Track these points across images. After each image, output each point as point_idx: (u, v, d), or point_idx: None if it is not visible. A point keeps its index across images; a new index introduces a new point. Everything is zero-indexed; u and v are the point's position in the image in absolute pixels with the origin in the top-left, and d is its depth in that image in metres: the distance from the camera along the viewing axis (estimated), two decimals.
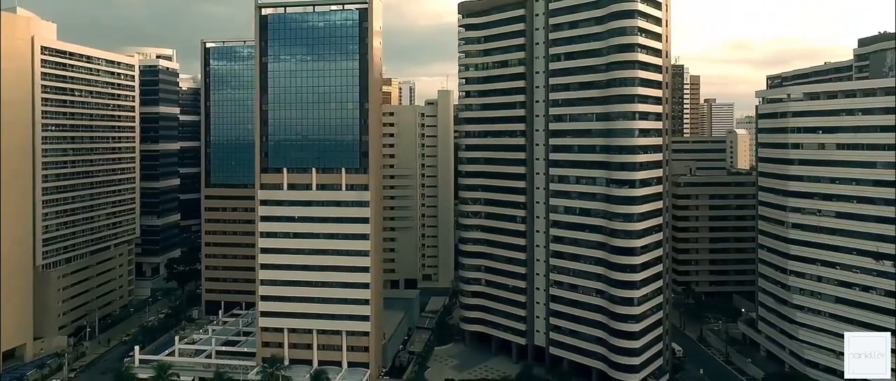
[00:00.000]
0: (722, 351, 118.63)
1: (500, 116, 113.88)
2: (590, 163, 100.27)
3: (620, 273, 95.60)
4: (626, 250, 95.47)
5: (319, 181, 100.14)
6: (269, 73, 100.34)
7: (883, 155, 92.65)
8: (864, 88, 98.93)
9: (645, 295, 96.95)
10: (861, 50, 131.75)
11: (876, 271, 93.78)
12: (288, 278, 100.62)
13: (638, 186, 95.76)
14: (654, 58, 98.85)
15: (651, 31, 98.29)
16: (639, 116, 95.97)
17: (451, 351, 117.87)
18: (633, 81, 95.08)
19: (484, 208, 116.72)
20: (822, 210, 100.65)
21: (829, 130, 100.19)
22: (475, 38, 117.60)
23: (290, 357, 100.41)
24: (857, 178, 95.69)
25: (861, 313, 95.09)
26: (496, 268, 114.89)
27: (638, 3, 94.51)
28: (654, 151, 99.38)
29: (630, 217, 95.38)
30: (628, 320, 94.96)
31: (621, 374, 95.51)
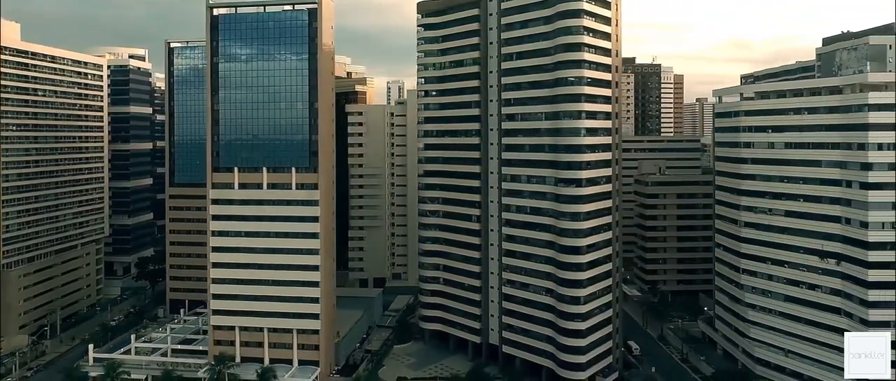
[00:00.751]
0: (680, 349, 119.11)
1: (456, 115, 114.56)
2: (539, 162, 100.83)
3: (567, 272, 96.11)
4: (573, 249, 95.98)
5: (270, 181, 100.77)
6: (220, 72, 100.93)
7: (828, 154, 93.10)
8: (810, 87, 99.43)
9: (592, 294, 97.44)
10: (823, 49, 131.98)
11: (821, 270, 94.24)
12: (239, 277, 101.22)
13: (584, 184, 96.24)
14: (602, 57, 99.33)
15: (599, 31, 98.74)
16: (585, 115, 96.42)
17: (409, 350, 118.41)
18: (579, 81, 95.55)
19: (442, 207, 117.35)
20: (773, 209, 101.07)
21: (777, 129, 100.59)
22: (433, 37, 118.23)
23: (241, 355, 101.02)
24: (804, 176, 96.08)
25: (809, 311, 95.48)
26: (453, 267, 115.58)
27: (584, 3, 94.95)
28: (602, 150, 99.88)
29: (577, 216, 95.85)
30: (575, 318, 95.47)
31: (568, 372, 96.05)
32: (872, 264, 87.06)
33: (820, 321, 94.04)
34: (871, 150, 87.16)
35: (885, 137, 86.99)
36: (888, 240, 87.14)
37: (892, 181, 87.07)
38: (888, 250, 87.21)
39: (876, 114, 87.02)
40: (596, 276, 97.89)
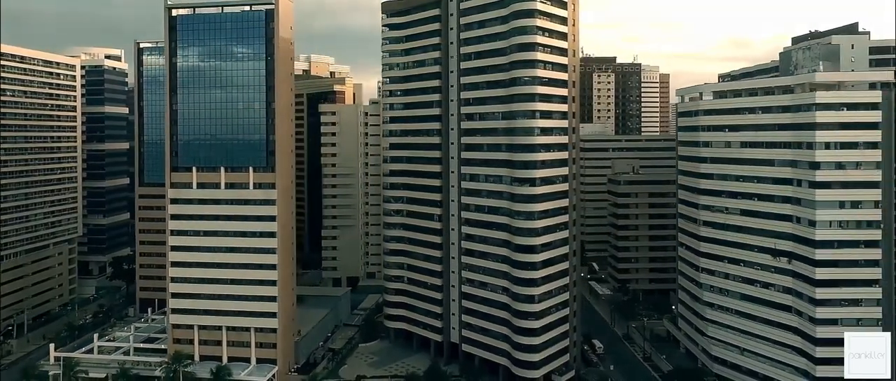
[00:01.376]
0: (643, 348, 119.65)
1: (419, 115, 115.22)
2: (496, 161, 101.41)
3: (521, 271, 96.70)
4: (527, 248, 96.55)
5: (228, 180, 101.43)
6: (179, 72, 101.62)
7: (780, 153, 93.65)
8: (763, 86, 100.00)
9: (547, 292, 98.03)
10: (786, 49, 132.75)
11: (774, 268, 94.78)
12: (198, 276, 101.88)
13: (538, 184, 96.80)
14: (558, 57, 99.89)
15: (555, 31, 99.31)
16: (540, 114, 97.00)
17: (374, 348, 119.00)
18: (533, 81, 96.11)
19: (406, 206, 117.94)
20: (729, 208, 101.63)
21: (733, 129, 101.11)
22: (397, 37, 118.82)
23: (200, 354, 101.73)
24: (758, 175, 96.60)
25: (763, 309, 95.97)
26: (416, 266, 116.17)
27: (537, 3, 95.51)
28: (558, 150, 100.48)
29: (531, 215, 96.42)
30: (528, 316, 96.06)
31: (522, 370, 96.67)
32: (820, 263, 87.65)
33: (773, 320, 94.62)
34: (818, 149, 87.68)
35: (832, 137, 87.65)
36: (835, 238, 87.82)
37: (840, 180, 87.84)
38: (835, 248, 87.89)
39: (823, 113, 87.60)
40: (551, 275, 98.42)
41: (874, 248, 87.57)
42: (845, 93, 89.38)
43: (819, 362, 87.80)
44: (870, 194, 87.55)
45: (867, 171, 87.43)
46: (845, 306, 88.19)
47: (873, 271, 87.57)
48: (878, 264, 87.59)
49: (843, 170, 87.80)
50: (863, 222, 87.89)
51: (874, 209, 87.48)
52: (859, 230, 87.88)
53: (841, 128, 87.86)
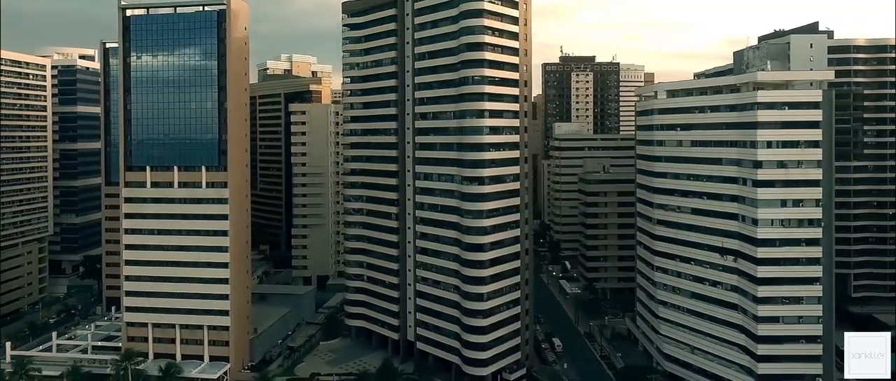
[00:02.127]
0: (602, 346, 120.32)
1: (377, 114, 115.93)
2: (447, 161, 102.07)
3: (470, 269, 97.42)
4: (476, 246, 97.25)
5: (181, 179, 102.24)
6: (133, 72, 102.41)
7: (726, 152, 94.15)
8: (712, 85, 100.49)
9: (497, 290, 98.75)
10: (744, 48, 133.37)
11: (722, 267, 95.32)
12: (152, 274, 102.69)
13: (487, 182, 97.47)
14: (509, 57, 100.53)
15: (506, 31, 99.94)
16: (489, 114, 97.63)
17: (334, 346, 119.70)
18: (481, 80, 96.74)
19: (365, 205, 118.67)
20: (681, 207, 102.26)
21: (685, 127, 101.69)
22: (356, 37, 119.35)
23: (154, 351, 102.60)
24: (707, 174, 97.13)
25: (712, 308, 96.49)
26: (375, 265, 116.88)
27: (485, 2, 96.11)
28: (509, 149, 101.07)
29: (479, 214, 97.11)
30: (477, 315, 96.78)
31: (471, 368, 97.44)
32: (762, 261, 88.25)
33: (721, 318, 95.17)
34: (760, 147, 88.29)
35: (773, 135, 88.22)
36: (777, 237, 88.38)
37: (782, 179, 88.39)
38: (777, 246, 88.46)
39: (765, 112, 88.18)
40: (501, 273, 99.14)
41: (815, 246, 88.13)
42: (786, 92, 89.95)
43: (761, 359, 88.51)
44: (811, 192, 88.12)
45: (808, 169, 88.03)
46: (787, 304, 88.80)
47: (814, 269, 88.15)
48: (820, 262, 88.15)
49: (785, 169, 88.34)
50: (804, 220, 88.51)
51: (815, 208, 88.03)
52: (801, 229, 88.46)
53: (782, 127, 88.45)
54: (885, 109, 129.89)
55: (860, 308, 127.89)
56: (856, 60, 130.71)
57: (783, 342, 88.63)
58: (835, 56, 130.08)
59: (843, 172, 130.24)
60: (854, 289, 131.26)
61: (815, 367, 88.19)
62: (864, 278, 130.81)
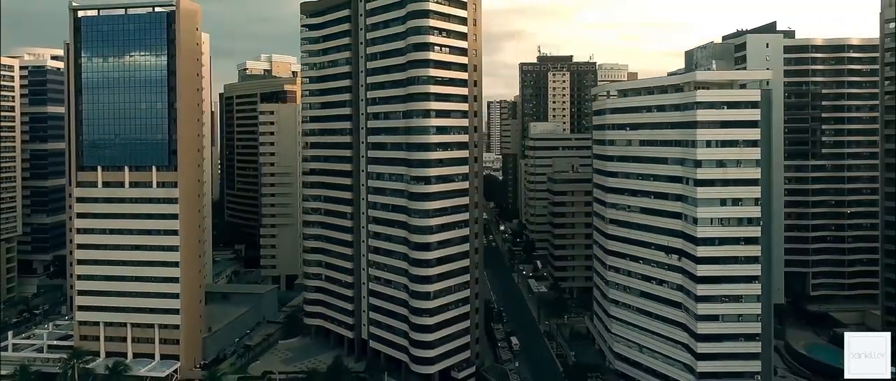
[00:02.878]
0: (559, 345, 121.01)
1: (333, 114, 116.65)
2: (397, 160, 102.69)
3: (417, 268, 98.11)
4: (423, 245, 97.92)
5: (132, 179, 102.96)
6: (84, 73, 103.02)
7: (671, 151, 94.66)
8: (658, 85, 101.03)
9: (445, 289, 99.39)
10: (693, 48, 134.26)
11: (667, 266, 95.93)
12: (103, 274, 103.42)
13: (434, 182, 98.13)
14: (457, 57, 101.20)
15: (453, 31, 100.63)
16: (435, 113, 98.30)
17: (293, 345, 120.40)
18: (427, 80, 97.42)
19: (323, 204, 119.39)
20: (631, 206, 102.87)
21: (634, 127, 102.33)
22: (314, 38, 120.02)
23: (106, 350, 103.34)
24: (654, 174, 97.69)
25: (658, 306, 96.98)
26: (332, 264, 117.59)
27: (430, 3, 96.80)
28: (457, 149, 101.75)
29: (426, 213, 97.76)
30: (423, 313, 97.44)
31: (418, 366, 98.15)
32: (701, 260, 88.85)
33: (667, 316, 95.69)
34: (700, 147, 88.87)
35: (712, 135, 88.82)
36: (717, 235, 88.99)
37: (722, 178, 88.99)
38: (717, 245, 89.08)
39: (704, 111, 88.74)
40: (448, 272, 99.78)
41: (754, 245, 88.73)
42: (725, 91, 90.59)
43: (700, 357, 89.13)
44: (750, 191, 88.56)
45: (747, 169, 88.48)
46: (726, 303, 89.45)
47: (754, 267, 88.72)
48: (759, 260, 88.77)
49: (724, 168, 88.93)
50: (744, 219, 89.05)
51: (754, 207, 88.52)
52: (740, 227, 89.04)
53: (721, 126, 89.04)
54: (842, 109, 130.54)
55: (818, 307, 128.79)
56: (814, 60, 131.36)
57: (723, 340, 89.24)
58: (793, 56, 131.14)
59: (801, 172, 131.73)
60: (812, 288, 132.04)
61: (755, 365, 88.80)
62: (822, 277, 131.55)
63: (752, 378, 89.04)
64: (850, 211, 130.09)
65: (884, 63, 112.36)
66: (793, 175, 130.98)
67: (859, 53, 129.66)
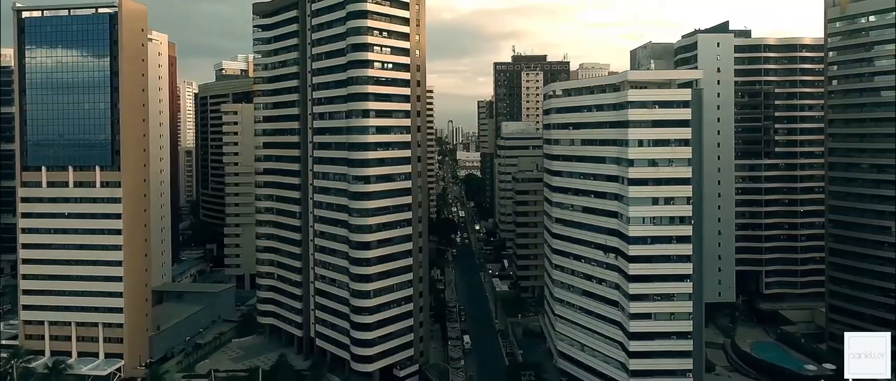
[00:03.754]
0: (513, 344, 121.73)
1: (282, 114, 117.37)
2: (339, 160, 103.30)
3: (357, 267, 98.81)
4: (362, 244, 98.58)
5: (76, 179, 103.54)
6: (27, 73, 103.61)
7: (608, 150, 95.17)
8: (597, 84, 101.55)
9: (387, 287, 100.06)
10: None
11: (606, 264, 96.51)
12: (48, 273, 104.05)
13: (374, 181, 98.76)
14: (399, 57, 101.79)
15: (394, 31, 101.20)
16: (375, 113, 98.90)
17: (246, 343, 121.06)
18: (365, 80, 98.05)
19: (275, 204, 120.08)
20: (574, 205, 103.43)
21: (577, 126, 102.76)
22: (266, 39, 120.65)
23: (51, 349, 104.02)
24: (594, 172, 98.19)
25: (597, 305, 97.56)
26: (283, 263, 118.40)
27: (368, 3, 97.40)
28: (399, 148, 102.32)
29: (365, 212, 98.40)
30: (363, 312, 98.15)
31: (358, 364, 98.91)
32: (633, 258, 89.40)
33: (606, 315, 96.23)
34: (631, 146, 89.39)
35: (644, 134, 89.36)
36: (649, 234, 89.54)
37: (654, 177, 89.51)
38: (649, 244, 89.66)
39: (636, 111, 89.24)
40: (390, 271, 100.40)
41: (686, 243, 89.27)
42: (657, 91, 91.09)
43: (632, 355, 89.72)
44: (682, 190, 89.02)
45: (679, 168, 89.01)
46: (658, 301, 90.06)
47: (685, 266, 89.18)
48: (690, 259, 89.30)
49: (656, 167, 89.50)
50: (675, 218, 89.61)
51: (686, 206, 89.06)
52: (672, 226, 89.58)
53: (653, 125, 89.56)
54: (795, 108, 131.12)
55: (770, 305, 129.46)
56: (767, 59, 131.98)
57: (655, 338, 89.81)
58: (746, 55, 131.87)
59: (754, 171, 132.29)
60: (766, 286, 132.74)
61: (686, 363, 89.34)
62: (775, 276, 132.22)
63: (683, 376, 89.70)
64: (802, 210, 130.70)
65: (827, 63, 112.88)
66: (746, 174, 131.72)
67: (811, 53, 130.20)
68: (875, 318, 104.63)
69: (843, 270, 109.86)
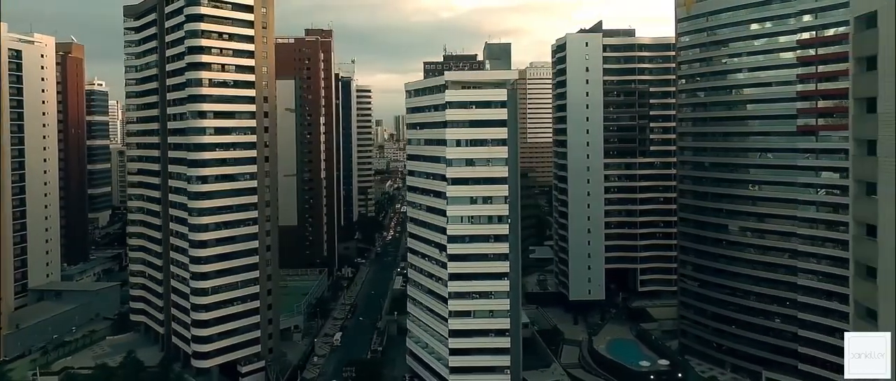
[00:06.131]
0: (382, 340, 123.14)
1: (147, 116, 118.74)
2: (184, 160, 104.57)
3: (195, 266, 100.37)
4: (199, 243, 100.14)
5: None
6: None
7: (438, 150, 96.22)
8: (433, 85, 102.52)
9: (230, 284, 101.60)
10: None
11: (440, 262, 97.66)
12: None
13: (211, 181, 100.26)
14: (242, 59, 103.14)
15: (237, 34, 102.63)
16: (213, 114, 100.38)
17: (119, 340, 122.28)
18: (200, 82, 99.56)
19: (145, 204, 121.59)
20: (421, 204, 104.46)
21: (422, 126, 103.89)
22: (134, 41, 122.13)
23: None
24: (432, 172, 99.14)
25: (435, 303, 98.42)
26: (150, 262, 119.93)
27: (203, 7, 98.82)
28: (244, 149, 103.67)
29: (201, 212, 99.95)
30: (200, 309, 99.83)
31: (196, 360, 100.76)
32: (451, 257, 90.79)
33: (439, 312, 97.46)
34: (449, 146, 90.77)
35: (462, 134, 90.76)
36: (466, 233, 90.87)
37: (471, 176, 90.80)
38: (466, 242, 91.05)
39: (453, 111, 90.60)
40: (232, 268, 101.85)
41: (503, 242, 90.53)
42: (473, 91, 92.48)
43: (452, 352, 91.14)
44: (499, 189, 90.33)
45: (496, 167, 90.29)
46: (477, 299, 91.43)
47: (502, 264, 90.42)
48: (508, 257, 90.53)
49: (473, 167, 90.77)
50: (493, 217, 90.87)
51: (503, 205, 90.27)
52: (490, 225, 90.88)
53: (470, 125, 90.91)
54: (670, 107, 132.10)
55: (641, 303, 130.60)
56: (642, 58, 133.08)
57: (473, 335, 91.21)
58: (622, 55, 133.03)
59: (629, 170, 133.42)
60: (641, 284, 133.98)
61: (504, 359, 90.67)
62: (650, 273, 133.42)
63: (502, 373, 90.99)
64: (675, 208, 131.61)
65: (678, 63, 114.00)
66: (622, 172, 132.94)
67: None
68: (716, 315, 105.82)
69: (690, 267, 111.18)
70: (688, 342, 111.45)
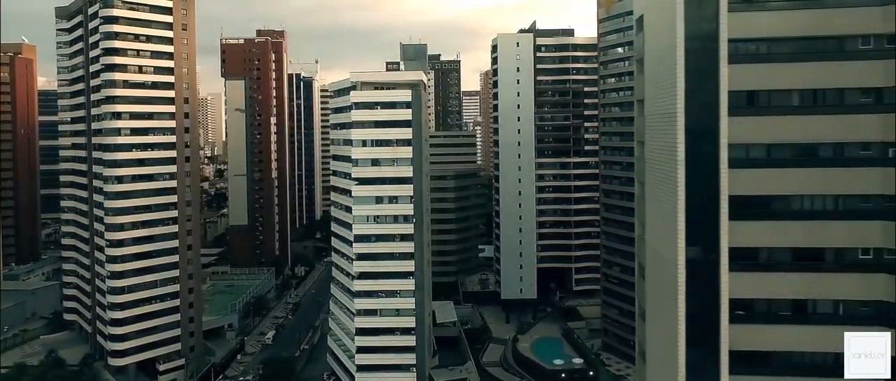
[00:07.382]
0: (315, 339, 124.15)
1: (77, 116, 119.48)
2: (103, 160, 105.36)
3: (111, 265, 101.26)
4: (115, 242, 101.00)
5: None
6: None
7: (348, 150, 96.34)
8: (347, 86, 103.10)
9: (146, 283, 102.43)
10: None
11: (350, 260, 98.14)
12: None
13: (128, 181, 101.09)
14: (160, 61, 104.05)
15: (155, 36, 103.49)
16: (129, 115, 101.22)
17: (52, 340, 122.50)
18: (114, 83, 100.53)
19: (76, 203, 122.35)
20: (340, 204, 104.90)
21: (342, 127, 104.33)
22: (65, 42, 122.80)
23: None
24: (343, 171, 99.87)
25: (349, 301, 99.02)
26: (80, 261, 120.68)
27: (115, 9, 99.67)
28: (163, 149, 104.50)
29: (116, 211, 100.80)
30: (115, 308, 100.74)
31: (111, 358, 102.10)
32: (357, 256, 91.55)
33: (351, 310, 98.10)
34: (355, 146, 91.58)
35: (367, 135, 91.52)
36: (372, 233, 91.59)
37: (376, 176, 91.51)
38: (372, 242, 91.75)
39: (358, 112, 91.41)
40: (150, 267, 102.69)
41: (409, 241, 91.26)
42: (379, 92, 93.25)
43: (358, 350, 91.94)
44: (404, 189, 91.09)
45: (401, 167, 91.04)
46: (383, 297, 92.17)
47: (408, 263, 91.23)
48: (413, 256, 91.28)
49: (379, 167, 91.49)
50: (399, 216, 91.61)
51: (409, 204, 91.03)
52: (396, 224, 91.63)
53: (375, 125, 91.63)
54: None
55: (575, 302, 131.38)
56: (576, 58, 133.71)
57: (380, 333, 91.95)
58: (557, 54, 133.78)
59: (564, 169, 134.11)
60: (576, 282, 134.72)
61: (410, 358, 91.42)
62: (584, 273, 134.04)
63: (408, 370, 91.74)
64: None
65: (599, 62, 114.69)
66: (557, 172, 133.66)
67: None
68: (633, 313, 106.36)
69: (616, 268, 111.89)
70: (609, 340, 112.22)
